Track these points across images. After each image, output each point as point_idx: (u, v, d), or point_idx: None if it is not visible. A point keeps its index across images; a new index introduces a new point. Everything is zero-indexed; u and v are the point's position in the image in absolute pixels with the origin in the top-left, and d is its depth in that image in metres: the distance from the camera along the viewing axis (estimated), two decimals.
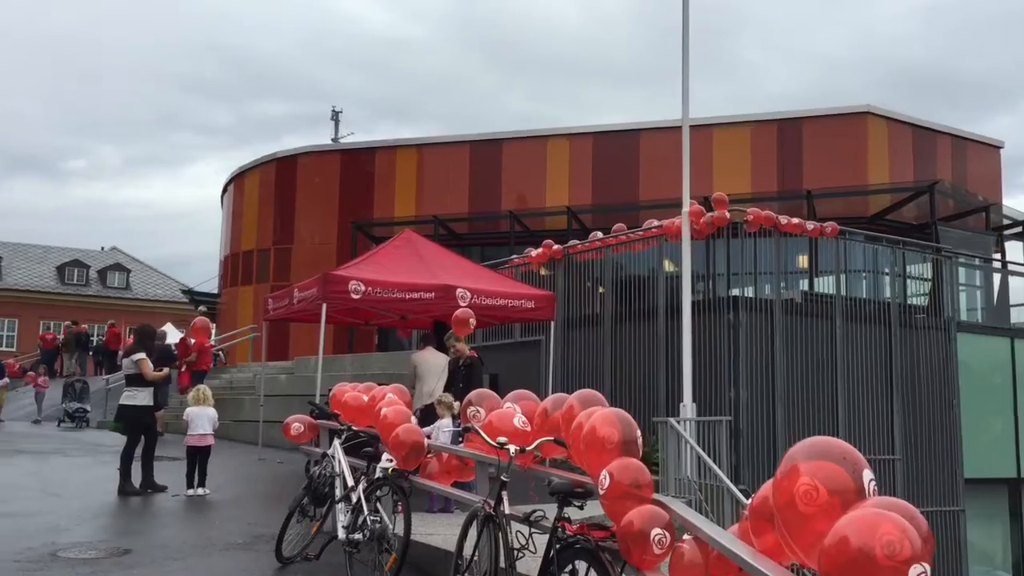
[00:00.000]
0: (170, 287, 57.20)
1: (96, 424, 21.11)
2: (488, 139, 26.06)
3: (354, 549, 6.38)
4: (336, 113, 35.85)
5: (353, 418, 7.74)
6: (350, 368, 17.73)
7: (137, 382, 10.89)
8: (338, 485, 7.08)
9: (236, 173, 30.75)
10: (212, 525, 8.91)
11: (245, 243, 29.36)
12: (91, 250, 60.98)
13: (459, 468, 6.60)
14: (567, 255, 15.81)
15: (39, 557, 6.99)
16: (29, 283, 55.02)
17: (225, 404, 16.22)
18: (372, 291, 11.82)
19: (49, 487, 10.99)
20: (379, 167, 27.01)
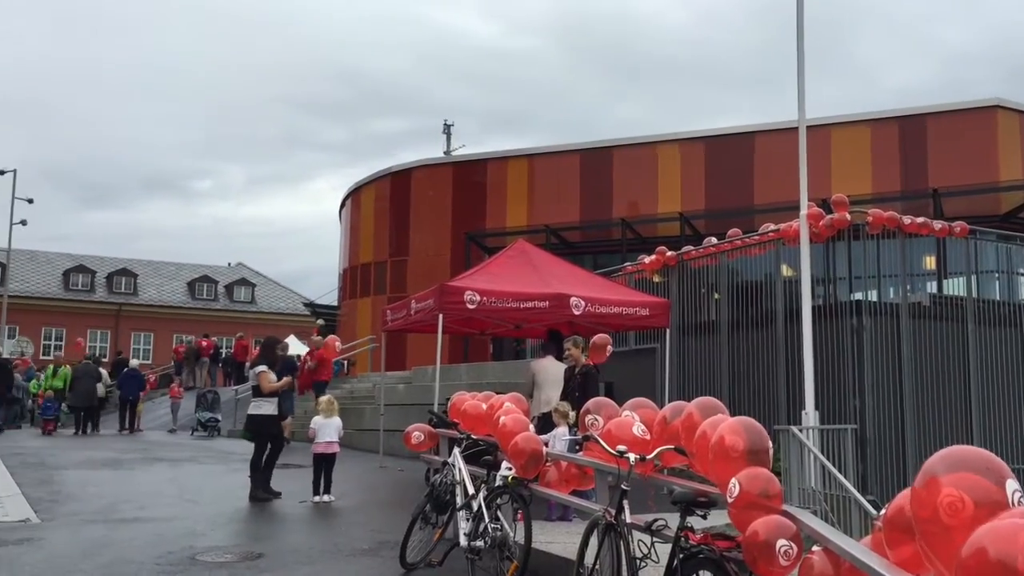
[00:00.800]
0: (292, 300, 59.21)
1: (227, 433, 22.00)
2: (598, 147, 26.02)
3: (476, 556, 6.46)
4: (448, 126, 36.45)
5: (472, 427, 7.85)
6: (466, 377, 17.96)
7: (260, 392, 11.32)
8: (459, 493, 7.19)
9: (353, 188, 31.61)
10: (338, 531, 9.17)
11: (363, 256, 30.12)
12: (219, 266, 63.70)
13: (578, 476, 6.60)
14: (681, 261, 15.62)
15: (179, 560, 7.33)
16: (162, 299, 57.86)
17: (346, 413, 16.66)
18: (487, 301, 11.96)
19: (185, 493, 11.51)
20: (491, 178, 27.31)
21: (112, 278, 57.51)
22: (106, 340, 54.71)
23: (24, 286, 51.89)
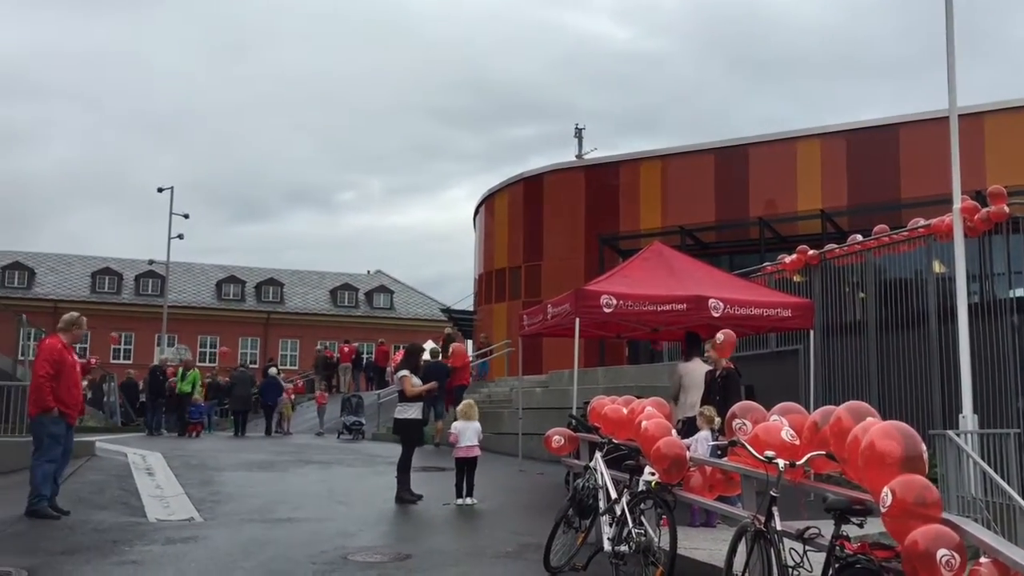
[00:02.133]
0: (429, 306, 60.49)
1: (371, 436, 22.68)
2: (733, 145, 25.51)
3: (620, 561, 6.45)
4: (579, 130, 36.46)
5: (613, 431, 7.84)
6: (603, 381, 17.91)
7: (406, 397, 11.62)
8: (601, 497, 7.20)
9: (486, 195, 32.07)
10: (482, 533, 9.33)
11: (497, 261, 30.50)
12: (359, 274, 65.73)
13: (723, 482, 6.51)
14: (824, 260, 15.14)
15: (332, 560, 7.62)
16: (307, 306, 60.19)
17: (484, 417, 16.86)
18: (623, 304, 11.91)
19: (335, 495, 11.93)
20: (623, 180, 27.17)
21: (260, 287, 60.23)
22: (256, 347, 57.33)
23: (181, 296, 54.97)
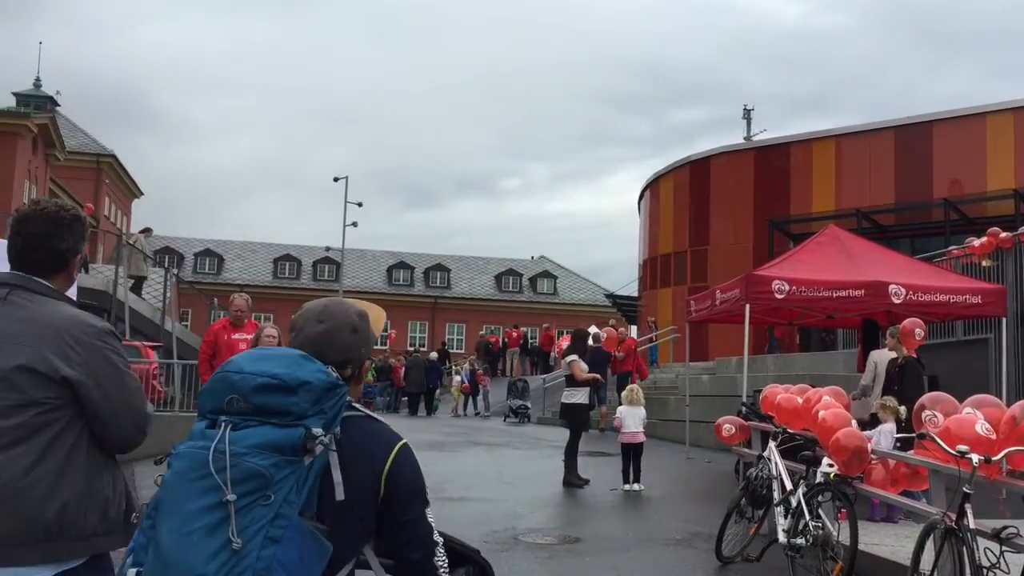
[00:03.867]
0: (593, 291, 60.52)
1: (536, 420, 22.98)
2: (915, 123, 24.11)
3: (796, 554, 6.28)
4: (748, 112, 35.47)
5: (787, 420, 7.63)
6: (772, 369, 17.43)
7: (573, 382, 11.70)
8: (776, 488, 7.02)
9: (652, 179, 31.71)
10: (650, 520, 9.29)
11: (662, 247, 30.14)
12: (523, 260, 66.53)
13: (908, 476, 6.22)
14: (1018, 243, 14.13)
15: (504, 540, 7.79)
16: (472, 291, 61.47)
17: (650, 404, 16.76)
18: (796, 290, 11.54)
19: (504, 476, 12.18)
20: (794, 162, 26.23)
21: (428, 273, 61.98)
22: (425, 331, 59.10)
23: (355, 282, 57.28)
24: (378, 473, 2.11)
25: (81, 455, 2.64)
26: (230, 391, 2.01)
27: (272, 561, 1.87)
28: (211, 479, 1.89)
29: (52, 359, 2.60)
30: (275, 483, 1.92)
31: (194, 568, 1.86)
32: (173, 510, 1.93)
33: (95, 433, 2.68)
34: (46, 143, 37.98)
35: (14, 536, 2.50)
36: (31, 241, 2.78)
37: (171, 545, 1.89)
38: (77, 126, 50.89)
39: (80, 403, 2.64)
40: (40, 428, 2.57)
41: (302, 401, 2.00)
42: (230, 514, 1.87)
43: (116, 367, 2.73)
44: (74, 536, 2.59)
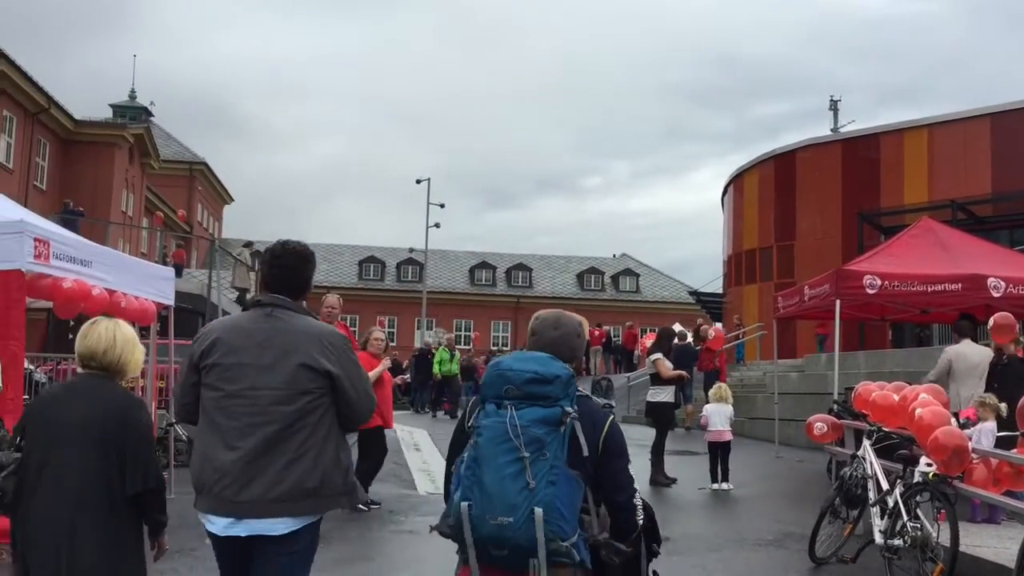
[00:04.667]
0: (676, 289, 59.91)
1: (620, 418, 22.85)
2: (1012, 109, 23.20)
3: (894, 555, 6.13)
4: (834, 103, 34.64)
5: (882, 418, 7.43)
6: (864, 366, 16.98)
7: (658, 380, 11.61)
8: (871, 488, 6.85)
9: (735, 174, 31.24)
10: (740, 520, 9.17)
11: (747, 242, 29.66)
12: (604, 258, 66.26)
13: (1012, 476, 6.00)
14: None
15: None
16: (554, 290, 61.46)
17: (737, 402, 16.52)
18: (889, 285, 11.25)
19: None
20: (884, 153, 25.50)
21: (511, 272, 62.22)
22: (507, 330, 59.35)
23: (438, 282, 57.88)
24: (599, 436, 2.99)
25: (333, 433, 3.60)
26: (505, 383, 2.92)
27: (553, 497, 2.77)
28: (511, 443, 2.82)
29: (319, 358, 3.56)
30: (547, 444, 2.82)
31: (508, 499, 2.77)
32: (490, 463, 2.83)
33: (341, 415, 3.62)
34: (142, 152, 39.40)
35: (293, 494, 3.44)
36: (285, 272, 3.81)
37: (492, 485, 2.80)
38: (170, 135, 52.64)
39: (334, 392, 3.58)
40: (310, 412, 3.52)
41: (556, 389, 2.92)
42: (525, 465, 2.78)
43: (357, 365, 3.73)
44: (329, 494, 3.54)
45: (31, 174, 31.95)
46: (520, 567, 2.79)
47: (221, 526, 3.48)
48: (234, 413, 3.52)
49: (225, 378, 3.56)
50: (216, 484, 3.47)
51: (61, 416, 3.61)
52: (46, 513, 3.51)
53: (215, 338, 3.64)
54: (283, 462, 3.45)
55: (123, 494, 3.54)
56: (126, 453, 3.55)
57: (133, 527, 3.63)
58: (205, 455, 3.54)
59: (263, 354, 3.56)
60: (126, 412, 3.64)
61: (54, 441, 3.57)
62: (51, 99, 32.23)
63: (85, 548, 3.48)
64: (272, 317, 3.67)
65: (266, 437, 3.46)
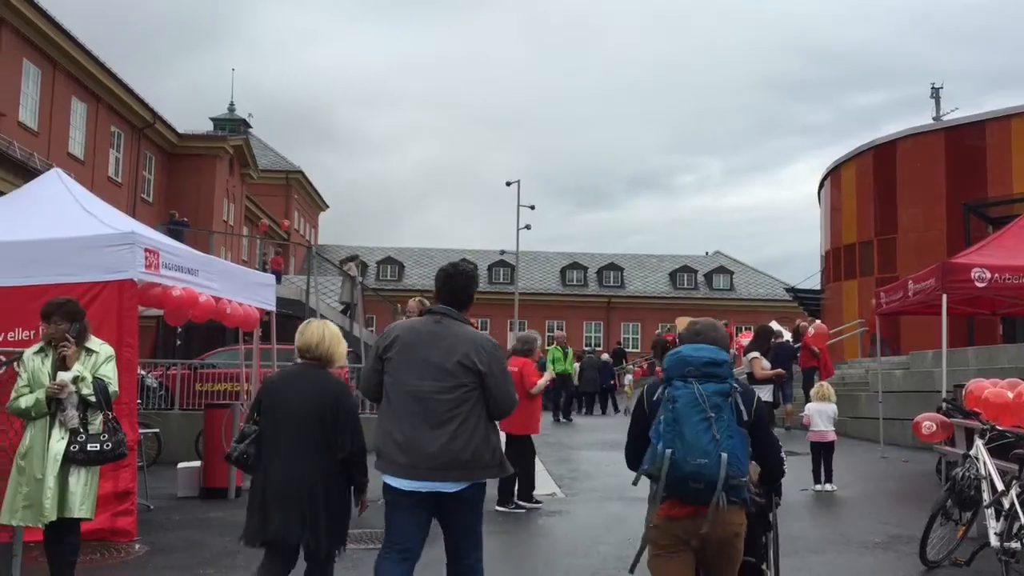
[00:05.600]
0: (772, 286, 58.73)
1: None
2: None
3: (1011, 558, 5.88)
4: (936, 90, 33.31)
5: (996, 416, 7.13)
6: (973, 362, 16.31)
7: (755, 380, 11.37)
8: (985, 489, 6.57)
9: (832, 168, 30.43)
10: (845, 521, 8.93)
11: (846, 237, 28.86)
12: (697, 256, 65.42)
13: None
14: None
15: None
16: (646, 289, 60.99)
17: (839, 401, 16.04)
18: (999, 278, 10.81)
19: None
20: (991, 141, 24.46)
21: (602, 272, 61.98)
22: (599, 330, 59.16)
23: (529, 283, 58.06)
24: (751, 407, 3.94)
25: (483, 419, 4.52)
26: (687, 365, 3.88)
27: (732, 447, 3.71)
28: (700, 406, 3.75)
29: (473, 357, 4.48)
30: (723, 409, 3.77)
31: (703, 446, 3.68)
32: (687, 420, 3.73)
33: (488, 406, 4.54)
34: (241, 163, 40.65)
35: (452, 463, 4.39)
36: (455, 289, 4.72)
37: (690, 437, 3.70)
38: (267, 145, 54.18)
39: (483, 387, 4.50)
40: (464, 401, 4.46)
41: (724, 370, 3.89)
42: (711, 423, 3.71)
43: (504, 366, 4.66)
44: (479, 466, 4.49)
45: (138, 187, 33.32)
46: (706, 499, 3.67)
47: (400, 483, 4.46)
48: (406, 399, 4.49)
49: (401, 369, 4.53)
50: (395, 452, 4.45)
51: (289, 396, 4.75)
52: (284, 472, 4.63)
53: (395, 336, 4.63)
54: (444, 439, 4.39)
55: (335, 456, 4.67)
56: (337, 425, 4.68)
57: (344, 482, 4.76)
58: (386, 429, 4.53)
59: (431, 352, 4.50)
60: (338, 393, 4.79)
61: (285, 416, 4.71)
62: (156, 115, 33.55)
63: (316, 496, 4.61)
64: (440, 323, 4.62)
65: (431, 418, 4.42)
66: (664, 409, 3.80)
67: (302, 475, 4.60)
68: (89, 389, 5.34)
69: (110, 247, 7.52)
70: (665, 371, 3.99)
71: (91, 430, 5.33)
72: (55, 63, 27.01)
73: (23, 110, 25.54)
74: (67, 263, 7.46)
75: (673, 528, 3.83)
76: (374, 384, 4.66)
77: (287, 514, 4.57)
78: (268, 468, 4.67)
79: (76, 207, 8.36)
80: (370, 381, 4.70)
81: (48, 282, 7.27)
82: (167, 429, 13.06)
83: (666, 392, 3.85)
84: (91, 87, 29.31)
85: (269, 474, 4.66)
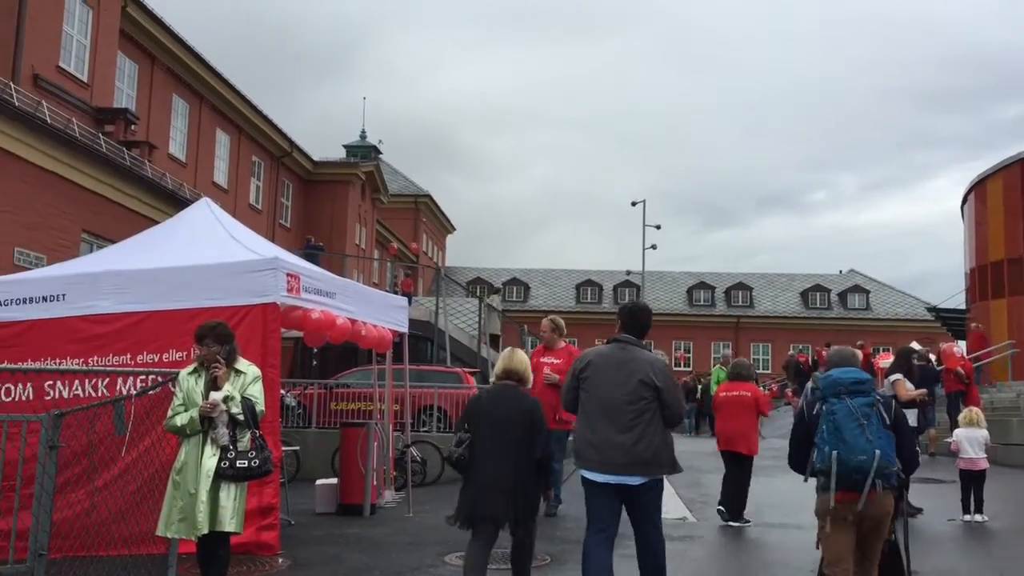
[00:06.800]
0: (911, 305, 56.31)
1: None
2: None
3: None
4: None
5: None
6: None
7: (899, 402, 10.91)
8: None
9: (976, 181, 28.99)
10: (997, 556, 8.45)
11: (992, 253, 27.41)
12: (830, 274, 63.35)
13: None
14: None
15: None
16: (776, 309, 59.44)
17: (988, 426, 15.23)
18: None
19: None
20: None
21: (730, 292, 60.80)
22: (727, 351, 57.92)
23: (656, 304, 57.42)
24: (891, 415, 5.02)
25: (660, 426, 5.55)
26: (838, 385, 5.03)
27: (883, 445, 4.84)
28: (854, 415, 4.89)
29: (651, 376, 5.56)
30: (871, 417, 4.90)
31: (861, 446, 4.81)
32: (846, 428, 4.87)
33: (663, 415, 5.54)
34: (372, 188, 41.89)
35: (637, 461, 5.43)
36: (636, 322, 5.86)
37: (851, 440, 4.84)
38: (396, 170, 55.66)
39: (659, 399, 5.52)
40: (645, 411, 5.51)
41: (867, 386, 5.03)
42: (864, 429, 4.85)
43: (675, 383, 5.75)
44: (658, 464, 5.52)
45: (277, 213, 34.78)
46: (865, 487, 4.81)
47: (597, 477, 5.52)
48: (599, 410, 5.57)
49: (594, 386, 5.64)
50: (591, 452, 5.55)
51: (494, 411, 5.98)
52: (493, 469, 5.80)
53: (589, 360, 5.77)
54: (631, 441, 5.44)
55: (531, 458, 5.85)
56: (534, 433, 5.88)
57: (535, 477, 5.92)
58: (583, 434, 5.64)
59: (617, 373, 5.60)
60: (533, 408, 6.01)
61: (492, 425, 5.90)
62: (293, 143, 35.00)
63: (517, 487, 5.78)
64: (624, 349, 5.74)
65: (618, 425, 5.49)
66: (825, 420, 4.95)
67: (507, 471, 5.79)
68: (238, 408, 5.60)
69: (255, 272, 7.88)
70: (820, 390, 5.09)
71: (240, 447, 5.58)
72: (202, 97, 28.55)
73: (173, 143, 27.08)
74: (216, 288, 7.86)
75: (843, 510, 4.91)
76: (572, 399, 5.80)
77: (496, 501, 5.76)
78: (478, 466, 5.88)
79: (224, 234, 8.81)
80: (569, 395, 5.84)
81: (198, 306, 7.68)
82: (304, 446, 13.53)
83: (824, 407, 5.00)
84: (234, 119, 30.84)
85: (480, 470, 5.87)
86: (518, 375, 6.15)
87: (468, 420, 6.07)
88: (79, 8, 19.22)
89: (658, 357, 5.78)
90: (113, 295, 8.11)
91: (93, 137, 14.60)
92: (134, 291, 8.08)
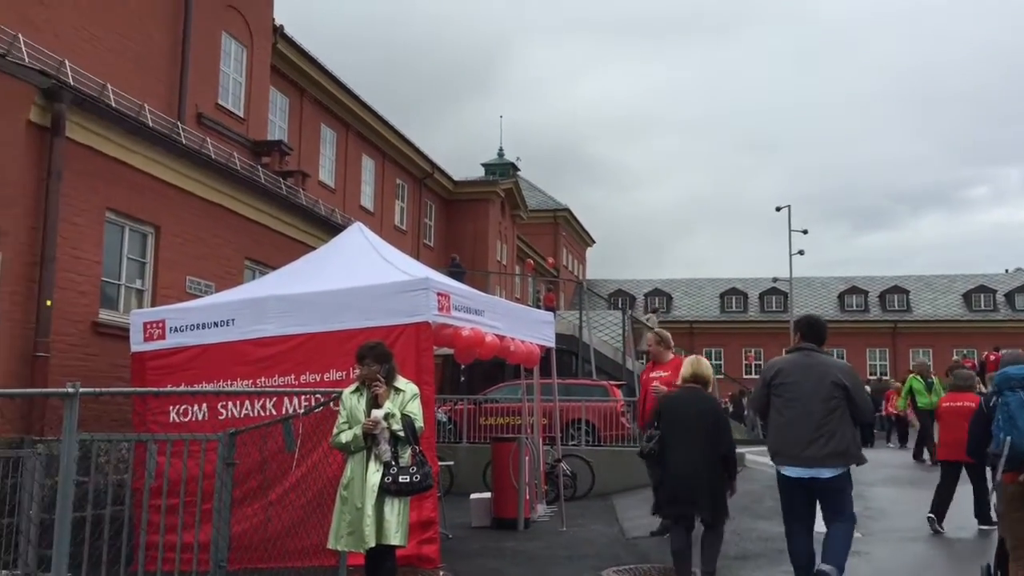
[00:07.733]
0: None
1: None
2: None
3: None
4: None
5: None
6: None
7: None
8: None
9: None
10: None
11: None
12: (996, 274, 59.82)
13: None
14: None
15: None
16: (936, 313, 56.55)
17: None
18: None
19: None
20: None
21: (885, 296, 58.25)
22: (884, 358, 55.54)
23: (805, 310, 55.48)
24: None
25: (850, 421, 6.32)
26: (1010, 380, 5.83)
27: None
28: None
29: (840, 377, 6.33)
30: None
31: None
32: (1019, 415, 5.67)
33: (851, 413, 6.32)
34: (511, 205, 42.44)
35: (832, 454, 6.20)
36: (816, 333, 6.64)
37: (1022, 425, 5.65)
38: (535, 186, 56.16)
39: (848, 398, 6.28)
40: (835, 409, 6.27)
41: None
42: None
43: (860, 383, 6.55)
44: (850, 456, 6.29)
45: (421, 233, 35.71)
46: None
47: (791, 471, 6.32)
48: (793, 411, 6.32)
49: (786, 391, 6.41)
50: (788, 448, 6.33)
51: (684, 410, 6.84)
52: (684, 463, 6.65)
53: (778, 368, 6.55)
54: (825, 437, 6.19)
55: (717, 453, 6.69)
56: (719, 430, 6.80)
57: (721, 471, 6.74)
58: (780, 434, 6.40)
59: (807, 377, 6.36)
60: (717, 408, 7.13)
61: (682, 424, 6.76)
62: (434, 165, 35.90)
63: (706, 479, 6.62)
64: (809, 356, 6.53)
65: (814, 423, 6.22)
66: (1001, 411, 5.73)
67: (698, 465, 6.59)
68: (398, 425, 5.80)
69: (407, 292, 8.15)
70: (996, 385, 5.85)
71: (401, 463, 5.77)
72: (348, 125, 29.68)
73: (322, 170, 28.25)
74: (371, 309, 8.17)
75: (1018, 489, 5.62)
76: (763, 404, 6.59)
77: (688, 493, 6.61)
78: (670, 460, 6.72)
79: (376, 256, 9.16)
80: (760, 402, 6.64)
81: (356, 327, 8.01)
82: (456, 461, 13.81)
83: (1000, 400, 5.77)
84: (378, 144, 31.90)
85: (672, 465, 6.73)
86: (703, 379, 7.01)
87: (659, 418, 6.91)
88: (234, 48, 20.38)
89: (843, 362, 6.67)
90: (277, 319, 8.56)
91: (252, 169, 15.42)
92: (296, 314, 8.49)
